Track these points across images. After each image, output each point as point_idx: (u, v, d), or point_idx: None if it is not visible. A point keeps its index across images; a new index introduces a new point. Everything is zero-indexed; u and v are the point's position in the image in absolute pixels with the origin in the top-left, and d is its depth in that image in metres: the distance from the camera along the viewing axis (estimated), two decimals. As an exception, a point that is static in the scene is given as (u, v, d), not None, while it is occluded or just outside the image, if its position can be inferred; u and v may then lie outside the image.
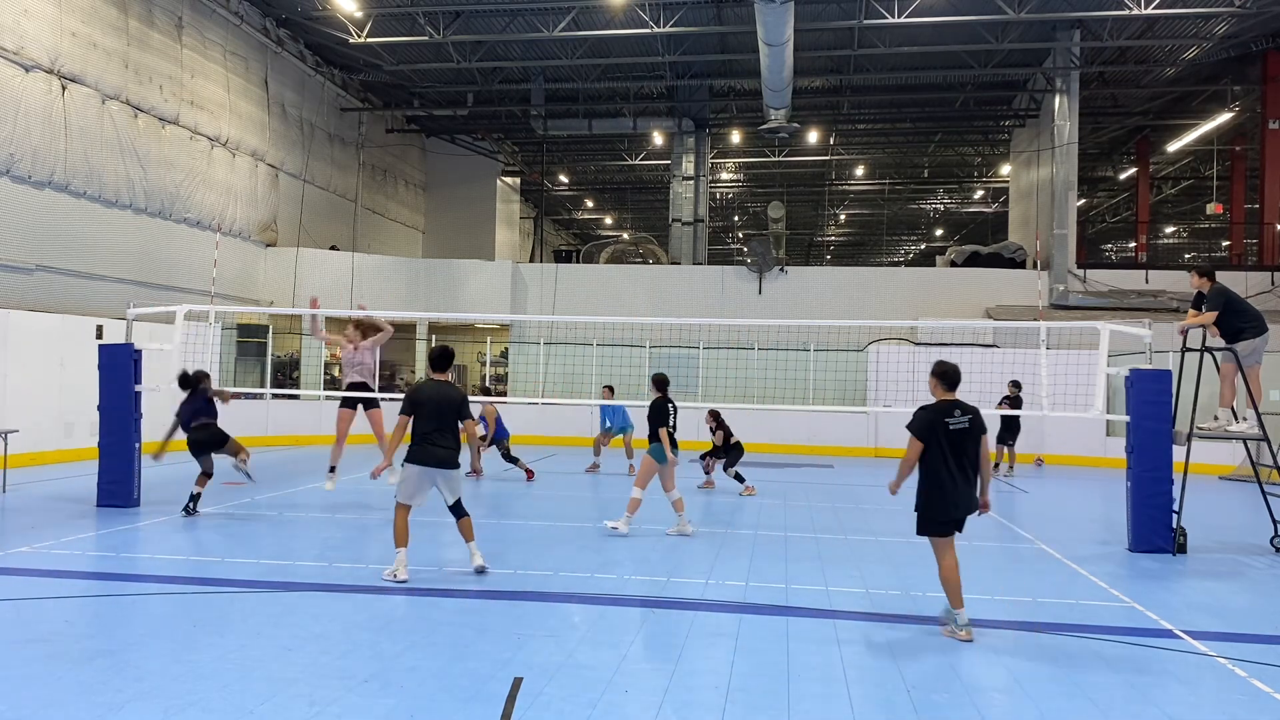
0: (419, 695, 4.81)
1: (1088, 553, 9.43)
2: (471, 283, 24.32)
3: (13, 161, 15.00)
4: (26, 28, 15.15)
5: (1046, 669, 5.53)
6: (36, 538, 8.70)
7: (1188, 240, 43.35)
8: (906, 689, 5.09)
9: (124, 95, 17.38)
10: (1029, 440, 20.40)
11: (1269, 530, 9.85)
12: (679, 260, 27.46)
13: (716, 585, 7.55)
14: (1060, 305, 22.79)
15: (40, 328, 14.72)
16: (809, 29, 20.27)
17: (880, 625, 6.42)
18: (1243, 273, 22.95)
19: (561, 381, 22.15)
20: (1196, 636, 6.30)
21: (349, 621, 6.16)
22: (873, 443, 21.41)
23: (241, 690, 4.80)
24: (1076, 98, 23.59)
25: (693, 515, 11.06)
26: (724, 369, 21.04)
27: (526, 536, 9.66)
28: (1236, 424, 9.76)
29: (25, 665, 5.10)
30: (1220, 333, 9.50)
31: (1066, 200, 23.48)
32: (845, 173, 36.50)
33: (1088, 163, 31.80)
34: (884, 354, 20.98)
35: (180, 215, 19.23)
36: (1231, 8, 19.34)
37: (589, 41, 22.34)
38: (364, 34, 21.24)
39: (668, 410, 9.76)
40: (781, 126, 23.00)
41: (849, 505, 12.59)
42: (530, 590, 7.20)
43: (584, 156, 35.28)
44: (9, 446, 11.93)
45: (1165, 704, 4.98)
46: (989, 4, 19.41)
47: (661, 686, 5.04)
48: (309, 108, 24.28)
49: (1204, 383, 9.90)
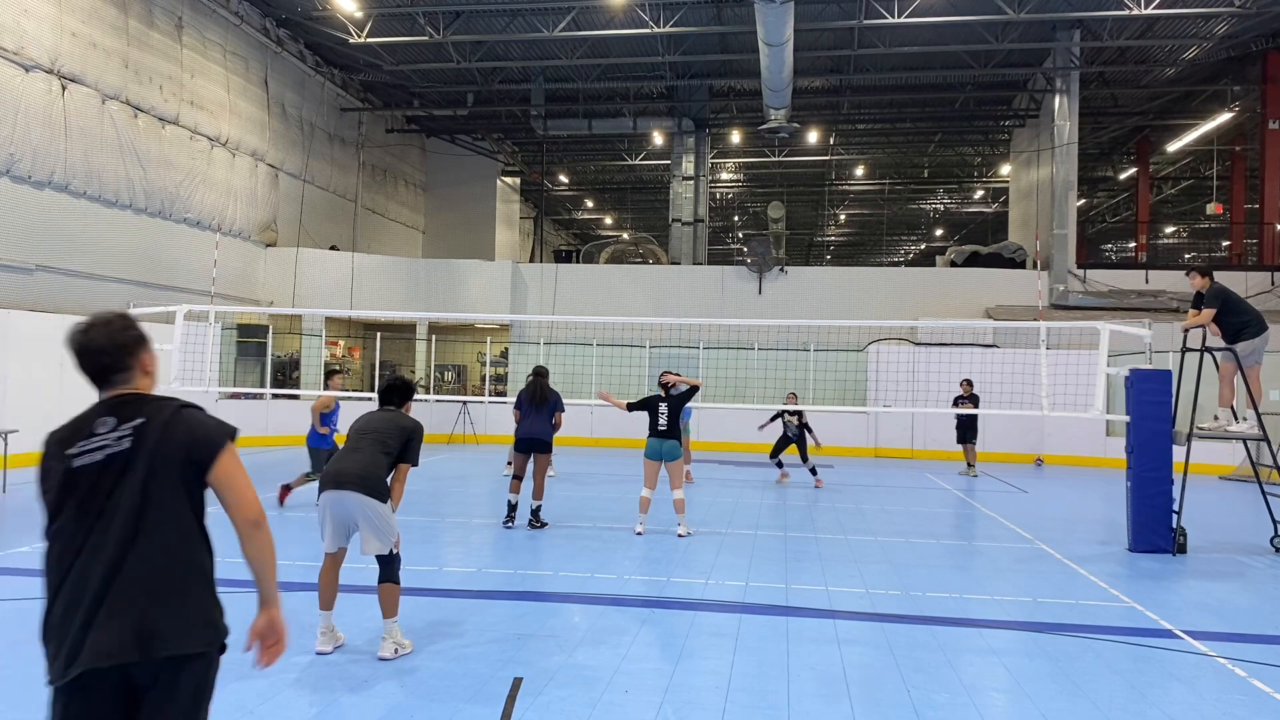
0: (419, 695, 4.81)
1: (1088, 553, 9.43)
2: (471, 283, 24.32)
3: (13, 161, 15.00)
4: (26, 28, 15.15)
5: (1046, 669, 5.53)
6: (37, 538, 8.68)
7: (1188, 240, 43.34)
8: (906, 689, 5.09)
9: (124, 95, 17.38)
10: (1029, 440, 20.45)
11: (1269, 530, 9.85)
12: (679, 260, 27.46)
13: (716, 585, 7.55)
14: (1060, 305, 22.79)
15: (40, 328, 14.72)
16: (809, 29, 20.27)
17: (880, 625, 6.42)
18: (1243, 273, 22.97)
19: (562, 381, 22.09)
20: (1196, 636, 6.31)
21: (349, 621, 6.15)
22: (873, 443, 21.42)
23: (241, 690, 4.80)
24: (1076, 98, 23.59)
25: (692, 516, 11.07)
26: (724, 369, 21.04)
27: (527, 536, 9.67)
28: (1236, 424, 9.77)
29: (25, 665, 5.10)
30: (1220, 332, 9.51)
31: (1066, 200, 23.49)
32: (845, 173, 36.50)
33: (1088, 163, 31.80)
34: (884, 354, 21.00)
35: (180, 215, 19.23)
36: (1231, 8, 19.34)
37: (589, 41, 22.34)
38: (364, 34, 21.24)
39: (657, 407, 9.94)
40: (781, 126, 22.99)
41: (849, 505, 12.59)
42: (530, 590, 7.20)
43: (584, 156, 35.27)
44: (9, 446, 11.94)
45: (1165, 704, 4.98)
46: (989, 4, 19.41)
47: (661, 686, 5.04)
48: (309, 108, 24.28)
49: (1204, 383, 9.90)
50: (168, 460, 2.57)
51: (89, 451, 2.56)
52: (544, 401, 10.21)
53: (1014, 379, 16.64)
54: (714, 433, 21.38)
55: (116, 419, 2.61)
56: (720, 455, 20.44)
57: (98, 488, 2.53)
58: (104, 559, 2.48)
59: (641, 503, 9.89)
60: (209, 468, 2.63)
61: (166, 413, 2.63)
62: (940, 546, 9.75)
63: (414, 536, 9.54)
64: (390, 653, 5.41)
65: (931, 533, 10.61)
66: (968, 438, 17.09)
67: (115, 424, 2.60)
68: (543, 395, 10.24)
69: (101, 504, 2.52)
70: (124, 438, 2.57)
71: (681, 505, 9.95)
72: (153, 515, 2.54)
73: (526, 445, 10.09)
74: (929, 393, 18.32)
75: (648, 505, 9.92)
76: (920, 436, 21.16)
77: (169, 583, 2.54)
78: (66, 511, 2.53)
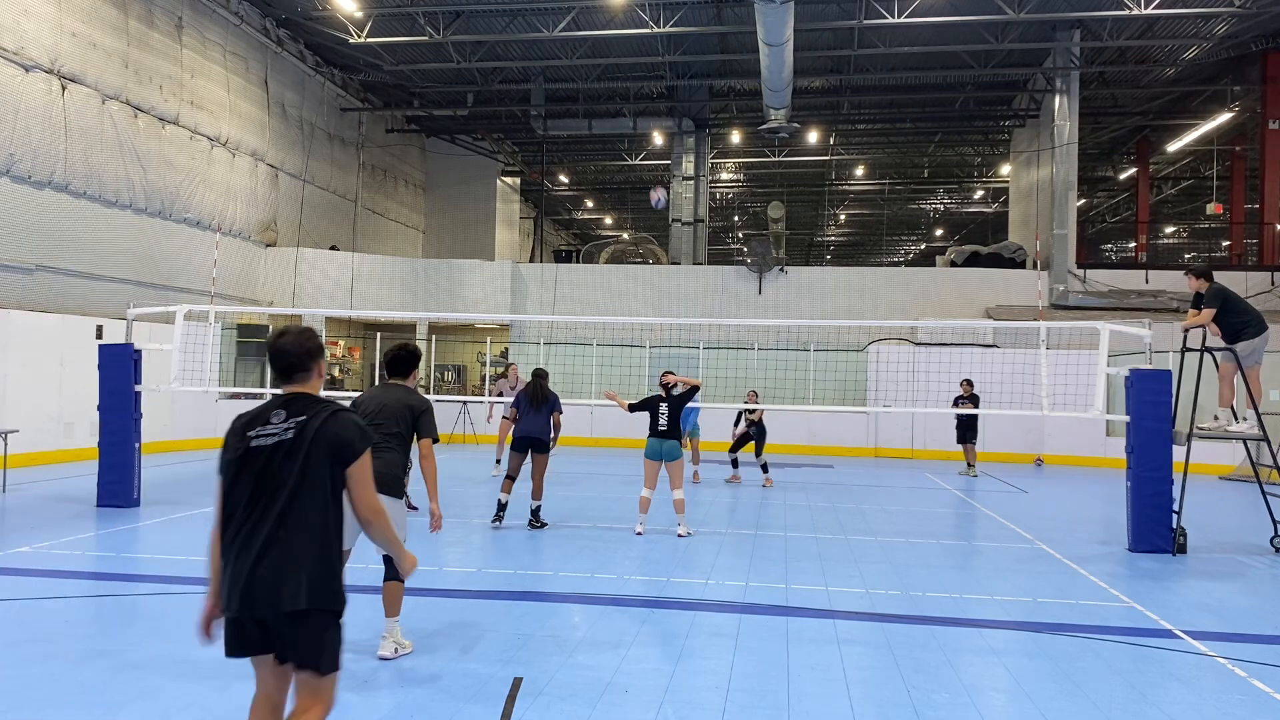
0: (419, 695, 4.81)
1: (1088, 553, 9.43)
2: (471, 283, 24.32)
3: (13, 161, 14.99)
4: (26, 28, 15.15)
5: (1046, 669, 5.53)
6: (36, 538, 8.70)
7: (1188, 240, 43.34)
8: (906, 689, 5.09)
9: (124, 95, 17.38)
10: (1029, 440, 20.45)
11: (1269, 530, 9.85)
12: (679, 260, 27.46)
13: (716, 585, 7.55)
14: (1060, 305, 22.79)
15: (40, 328, 14.72)
16: (809, 29, 20.27)
17: (880, 625, 6.42)
18: (1243, 273, 22.96)
19: (561, 381, 22.10)
20: (1196, 636, 6.30)
21: (348, 621, 6.14)
22: (873, 443, 21.42)
23: (241, 690, 4.79)
24: (1076, 98, 23.59)
25: (692, 516, 11.07)
26: (724, 369, 21.04)
27: (527, 536, 9.67)
28: (1236, 424, 9.77)
29: (25, 665, 5.10)
30: (1220, 332, 9.50)
31: (1066, 200, 23.48)
32: (845, 173, 36.49)
33: (1088, 163, 31.79)
34: (884, 354, 21.00)
35: (180, 215, 19.23)
36: (1231, 8, 19.34)
37: (589, 41, 22.33)
38: (364, 34, 21.23)
39: (658, 407, 9.97)
40: (781, 126, 22.99)
41: (849, 505, 12.59)
42: (530, 590, 7.20)
43: (584, 156, 35.27)
44: (9, 446, 11.93)
45: (1165, 704, 4.98)
46: (989, 4, 19.41)
47: (661, 686, 5.04)
48: (309, 108, 24.28)
49: (1204, 383, 9.90)
50: (318, 453, 3.21)
51: (264, 436, 3.24)
52: (543, 402, 10.27)
53: (1014, 379, 16.61)
54: (714, 433, 21.36)
55: (287, 413, 3.26)
56: (720, 455, 20.44)
57: (268, 465, 3.20)
58: (266, 524, 3.15)
59: (641, 503, 9.90)
60: (347, 467, 3.26)
61: (324, 415, 3.27)
62: (940, 546, 9.75)
63: (414, 536, 9.51)
64: (390, 652, 5.39)
65: (931, 533, 10.61)
66: (968, 438, 17.11)
67: (285, 417, 3.26)
68: (542, 396, 10.30)
69: (269, 479, 3.19)
70: (289, 429, 3.23)
71: (681, 505, 9.96)
72: (304, 494, 3.19)
73: (525, 444, 10.13)
74: (929, 393, 18.31)
75: (648, 505, 9.93)
76: (920, 436, 21.16)
77: (305, 550, 3.16)
78: (243, 480, 3.21)
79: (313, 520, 3.18)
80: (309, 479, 3.18)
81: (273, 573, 3.10)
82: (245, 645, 3.17)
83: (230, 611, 3.16)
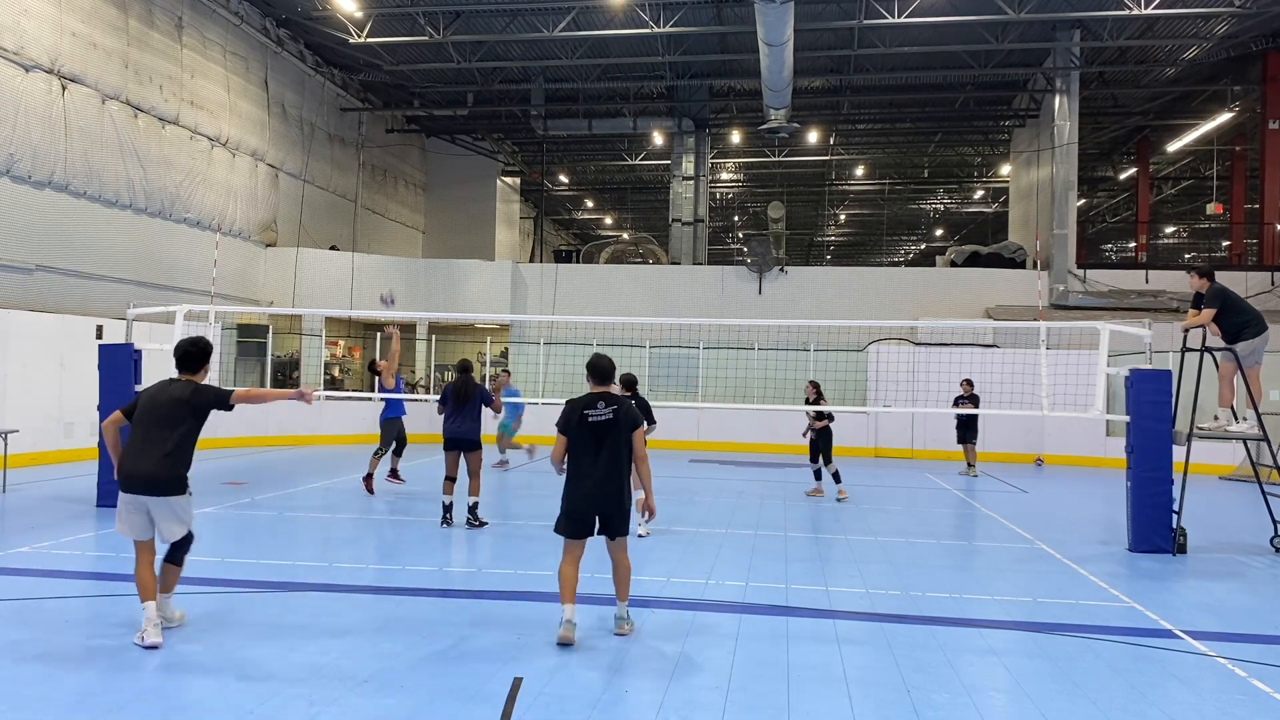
0: (419, 695, 4.81)
1: (1088, 553, 9.43)
2: (471, 283, 24.33)
3: (13, 161, 14.99)
4: (26, 28, 15.15)
5: (1046, 669, 5.53)
6: (36, 538, 8.70)
7: (1188, 240, 43.35)
8: (906, 689, 5.09)
9: (124, 95, 17.37)
10: (1029, 440, 20.45)
11: (1269, 530, 9.85)
12: (679, 260, 27.46)
13: (716, 585, 7.55)
14: (1060, 305, 22.79)
15: (40, 328, 14.72)
16: (809, 29, 20.27)
17: (880, 625, 6.42)
18: (1243, 273, 22.96)
19: (561, 381, 22.14)
20: (1196, 636, 6.31)
21: (349, 621, 6.16)
22: (873, 443, 21.41)
23: (241, 690, 4.80)
24: (1076, 98, 23.59)
25: (693, 516, 11.07)
26: (724, 369, 21.04)
27: (526, 536, 9.66)
28: (1236, 424, 9.76)
29: (25, 665, 5.10)
30: (1220, 332, 9.50)
31: (1066, 200, 23.48)
32: (845, 173, 36.50)
33: (1088, 163, 31.79)
34: (884, 354, 21.00)
35: (180, 215, 19.22)
36: (1231, 8, 19.34)
37: (589, 41, 22.33)
38: (364, 34, 21.23)
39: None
40: (781, 126, 22.99)
41: (849, 505, 12.58)
42: (530, 590, 7.20)
43: (584, 156, 35.27)
44: (9, 446, 11.93)
45: (1165, 704, 4.98)
46: (989, 4, 19.41)
47: (661, 686, 5.04)
48: (309, 108, 24.27)
49: (1204, 383, 9.90)
50: (623, 427, 5.85)
51: (597, 414, 5.83)
52: (469, 399, 9.88)
53: (1014, 379, 16.62)
54: (714, 433, 21.40)
55: (604, 403, 5.88)
56: (721, 455, 20.45)
57: (600, 434, 5.80)
58: (598, 472, 5.78)
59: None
60: (633, 434, 5.90)
61: (625, 404, 5.93)
62: (940, 546, 9.75)
63: (414, 536, 9.55)
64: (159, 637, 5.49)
65: (931, 533, 10.62)
66: (968, 438, 17.10)
67: (605, 405, 5.86)
68: (468, 392, 9.91)
69: (601, 442, 5.80)
70: (609, 410, 5.86)
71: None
72: (620, 453, 5.84)
73: (454, 445, 9.86)
74: (929, 393, 18.31)
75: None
76: (920, 436, 21.15)
77: (620, 490, 5.83)
78: (585, 443, 5.78)
79: (623, 470, 5.90)
80: (621, 443, 5.89)
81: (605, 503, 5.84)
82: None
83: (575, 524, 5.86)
